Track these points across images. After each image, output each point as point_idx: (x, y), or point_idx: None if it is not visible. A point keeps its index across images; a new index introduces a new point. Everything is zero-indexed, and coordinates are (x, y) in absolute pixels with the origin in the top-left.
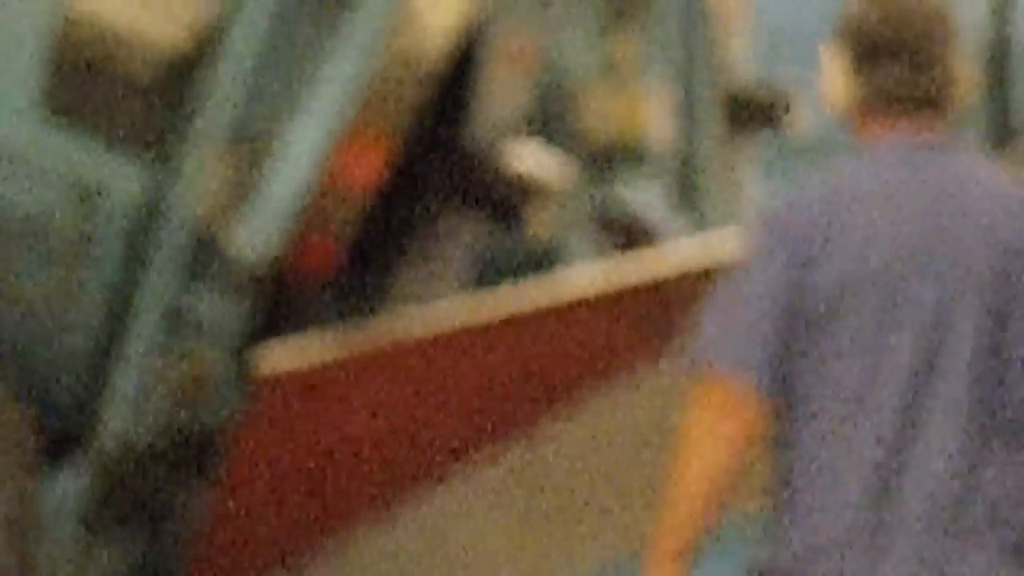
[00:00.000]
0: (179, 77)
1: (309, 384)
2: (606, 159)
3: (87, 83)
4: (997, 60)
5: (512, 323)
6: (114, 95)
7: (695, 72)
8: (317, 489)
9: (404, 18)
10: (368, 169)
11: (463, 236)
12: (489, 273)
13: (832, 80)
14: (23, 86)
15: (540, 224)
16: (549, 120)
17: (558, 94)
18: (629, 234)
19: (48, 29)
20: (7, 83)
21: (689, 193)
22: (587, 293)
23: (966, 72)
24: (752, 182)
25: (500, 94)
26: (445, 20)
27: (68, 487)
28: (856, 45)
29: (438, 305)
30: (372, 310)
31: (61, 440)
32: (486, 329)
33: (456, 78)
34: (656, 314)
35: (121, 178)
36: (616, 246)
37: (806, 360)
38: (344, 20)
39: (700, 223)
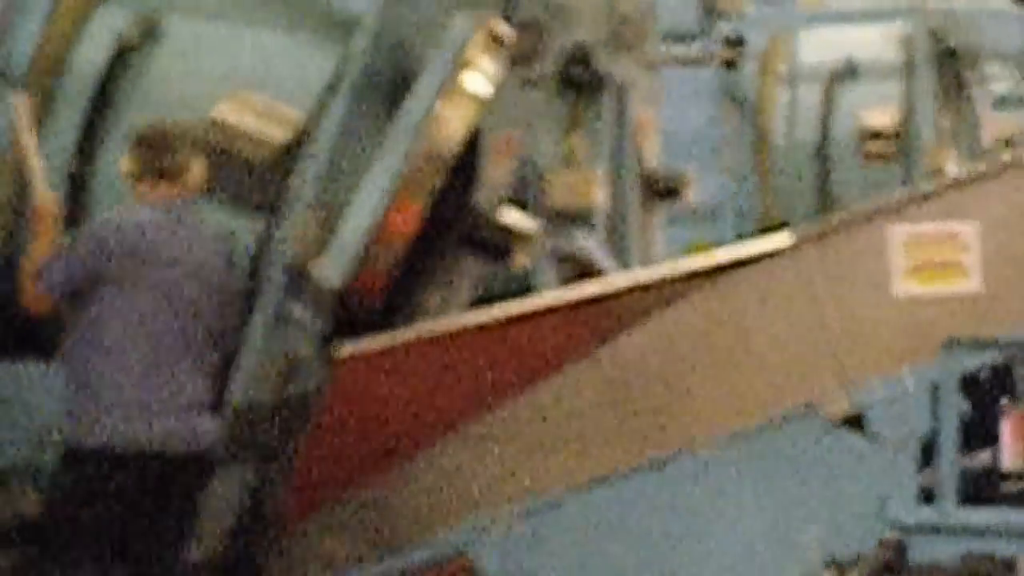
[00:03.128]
0: (283, 161)
1: (371, 365)
2: (565, 218)
3: (223, 166)
4: (822, 151)
5: (496, 326)
6: (240, 174)
7: (623, 161)
8: (379, 437)
9: (432, 123)
10: (408, 226)
11: (469, 270)
12: (487, 294)
13: (126, 168)
14: None
15: (521, 261)
16: (527, 192)
17: (533, 174)
18: (581, 268)
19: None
20: None
21: (619, 242)
22: (551, 305)
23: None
24: (660, 235)
25: (494, 174)
26: (459, 125)
27: None
28: (141, 148)
29: (450, 317)
30: (407, 320)
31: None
32: (481, 329)
33: (465, 163)
34: (598, 321)
35: (244, 230)
36: (571, 276)
37: (116, 298)
38: (392, 124)
39: (626, 262)
